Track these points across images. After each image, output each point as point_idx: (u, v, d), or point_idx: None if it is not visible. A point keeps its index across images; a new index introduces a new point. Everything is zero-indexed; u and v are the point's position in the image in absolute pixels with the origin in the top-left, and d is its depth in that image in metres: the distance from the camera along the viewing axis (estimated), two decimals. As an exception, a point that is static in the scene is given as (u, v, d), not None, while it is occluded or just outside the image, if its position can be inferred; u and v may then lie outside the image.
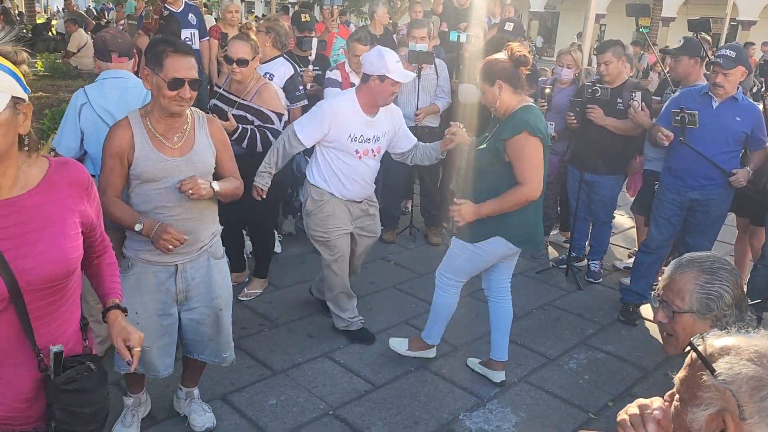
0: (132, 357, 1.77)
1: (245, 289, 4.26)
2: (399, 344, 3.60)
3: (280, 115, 3.90)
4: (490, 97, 3.09)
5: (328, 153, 3.52)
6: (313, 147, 3.58)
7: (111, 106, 3.05)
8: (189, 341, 2.77)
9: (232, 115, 3.73)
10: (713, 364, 1.06)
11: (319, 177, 3.58)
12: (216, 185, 2.49)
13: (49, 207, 1.60)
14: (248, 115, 3.80)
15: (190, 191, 2.37)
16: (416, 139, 3.76)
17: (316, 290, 4.16)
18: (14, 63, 1.46)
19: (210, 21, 7.07)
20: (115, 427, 2.82)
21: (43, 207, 1.59)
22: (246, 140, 3.73)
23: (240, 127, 3.69)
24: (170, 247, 2.35)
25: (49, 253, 1.57)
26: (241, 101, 3.81)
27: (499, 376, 3.44)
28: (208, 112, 3.56)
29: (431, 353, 3.61)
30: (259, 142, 3.76)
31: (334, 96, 3.65)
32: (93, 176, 3.10)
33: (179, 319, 2.69)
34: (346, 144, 3.46)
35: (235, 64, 3.74)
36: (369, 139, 3.51)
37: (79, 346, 1.76)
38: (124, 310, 1.85)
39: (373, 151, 3.56)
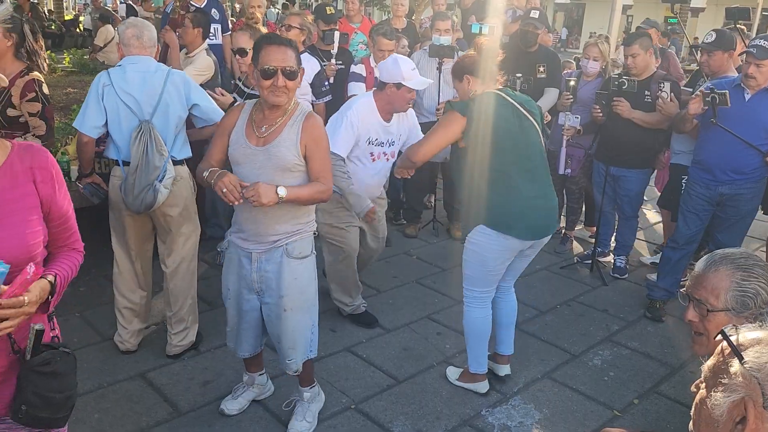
0: None
1: None
2: (453, 373, 3.39)
3: None
4: (461, 92, 3.19)
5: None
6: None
7: (134, 90, 3.08)
8: (270, 336, 2.83)
9: None
10: (742, 353, 1.07)
11: None
12: (282, 191, 2.41)
13: (9, 192, 1.55)
14: None
15: (252, 198, 2.38)
16: None
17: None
18: None
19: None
20: (226, 399, 3.04)
21: (2, 192, 1.54)
22: None
23: (236, 101, 3.76)
24: (224, 189, 2.36)
25: (7, 240, 1.52)
26: (251, 92, 3.86)
27: (504, 370, 3.38)
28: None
29: (481, 387, 3.26)
30: None
31: (354, 101, 3.62)
32: (116, 162, 3.17)
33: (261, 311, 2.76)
34: (363, 147, 3.51)
35: (237, 54, 3.97)
36: (383, 143, 3.57)
37: (47, 336, 1.70)
38: (53, 289, 1.63)
39: (385, 155, 3.62)
